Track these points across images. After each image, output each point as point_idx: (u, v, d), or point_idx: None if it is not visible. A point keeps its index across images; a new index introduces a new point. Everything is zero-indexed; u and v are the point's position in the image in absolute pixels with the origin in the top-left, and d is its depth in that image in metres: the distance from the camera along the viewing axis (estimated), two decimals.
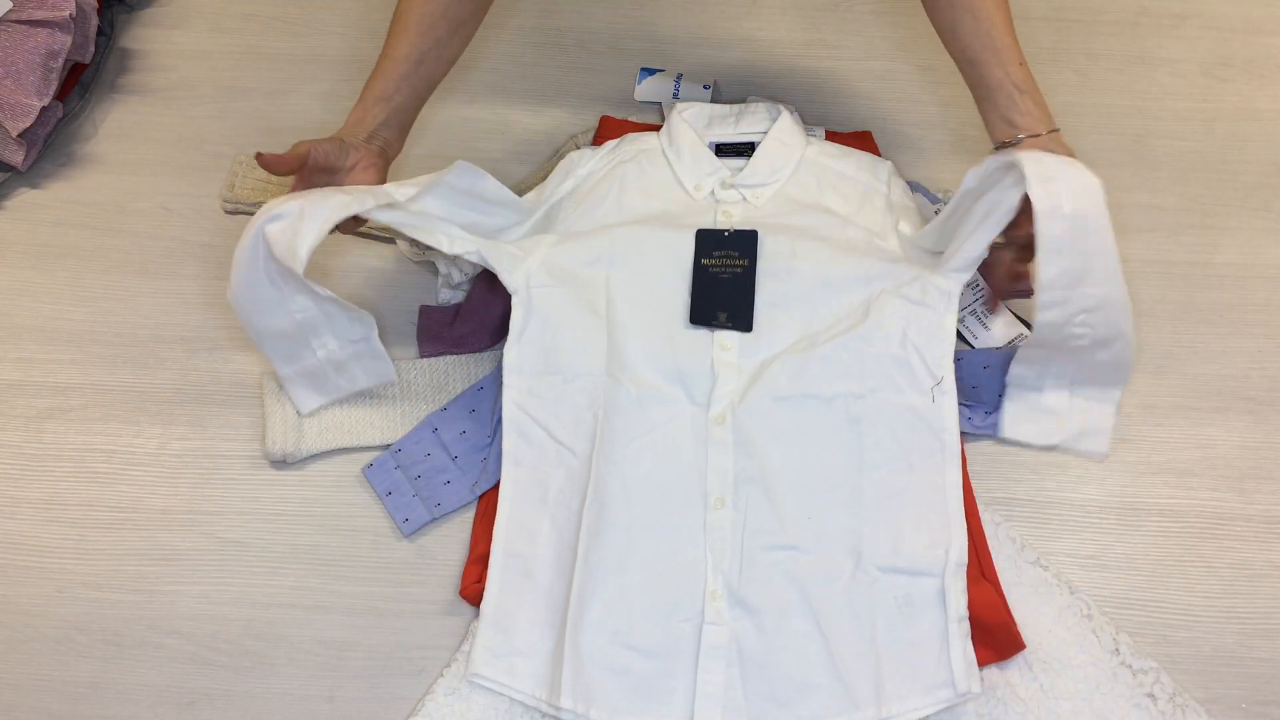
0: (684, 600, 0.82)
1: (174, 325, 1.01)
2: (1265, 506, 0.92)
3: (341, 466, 0.94)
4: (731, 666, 0.81)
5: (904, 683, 0.80)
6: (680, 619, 0.82)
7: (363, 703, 0.84)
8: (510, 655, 0.83)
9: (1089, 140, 1.12)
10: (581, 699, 0.80)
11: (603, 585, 0.82)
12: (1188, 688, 0.84)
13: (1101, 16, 1.21)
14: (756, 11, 1.21)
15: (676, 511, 0.85)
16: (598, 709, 0.79)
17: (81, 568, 0.89)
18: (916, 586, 0.83)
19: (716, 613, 0.82)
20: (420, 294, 1.02)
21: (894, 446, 0.86)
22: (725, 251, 0.92)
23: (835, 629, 0.81)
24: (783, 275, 0.92)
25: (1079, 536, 0.91)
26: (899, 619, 0.82)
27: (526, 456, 0.89)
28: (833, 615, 0.82)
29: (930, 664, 0.80)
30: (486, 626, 0.84)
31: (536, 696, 0.82)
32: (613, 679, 0.80)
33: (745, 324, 0.90)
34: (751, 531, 0.84)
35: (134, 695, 0.85)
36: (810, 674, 0.80)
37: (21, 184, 1.09)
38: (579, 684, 0.80)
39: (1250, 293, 1.03)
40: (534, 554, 0.85)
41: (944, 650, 0.81)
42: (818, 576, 0.83)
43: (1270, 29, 1.20)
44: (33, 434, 0.96)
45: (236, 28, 1.20)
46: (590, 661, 0.80)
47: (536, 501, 0.87)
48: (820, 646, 0.81)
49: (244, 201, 1.07)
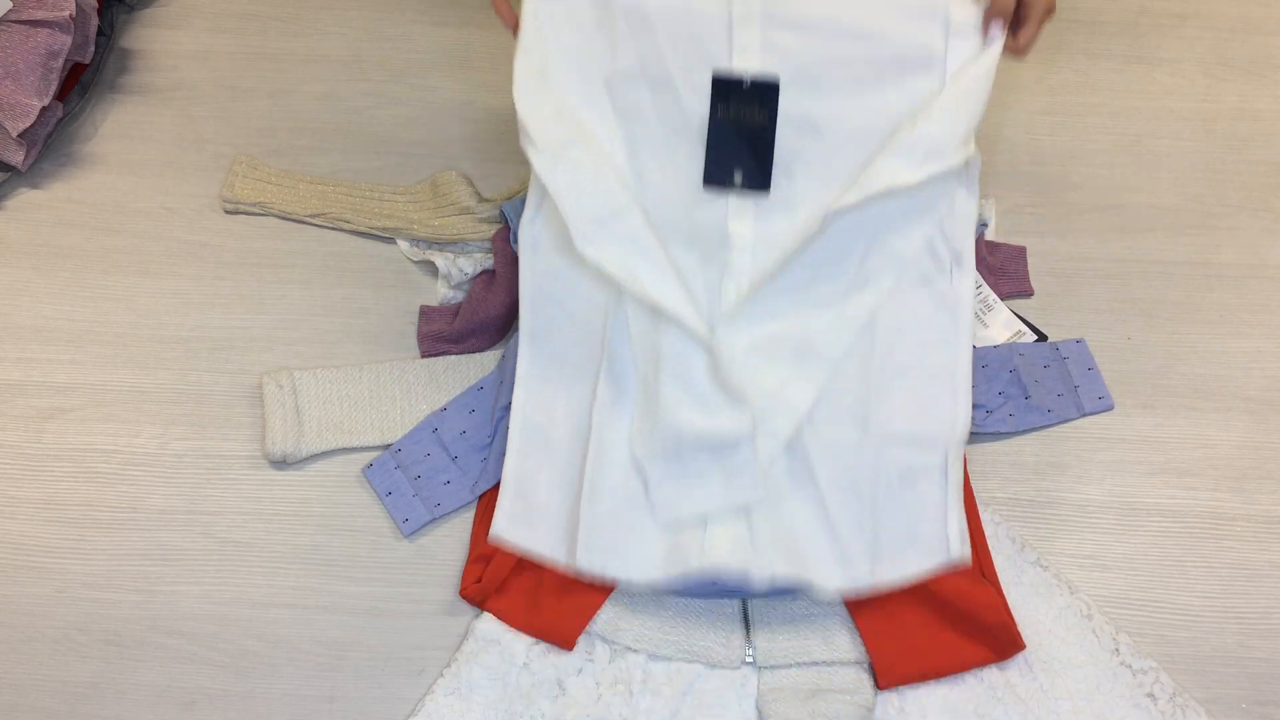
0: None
1: (174, 325, 1.01)
2: (1265, 506, 0.92)
3: (341, 466, 0.94)
4: (739, 524, 0.83)
5: (899, 549, 0.83)
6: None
7: (363, 703, 0.84)
8: (530, 519, 0.86)
9: (1089, 140, 1.12)
10: (598, 557, 0.83)
11: (617, 454, 0.85)
12: (1188, 688, 0.84)
13: (1101, 16, 1.21)
14: None
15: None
16: (613, 567, 0.83)
17: (81, 568, 0.89)
18: (919, 458, 0.84)
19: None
20: (420, 294, 1.02)
21: (908, 322, 0.86)
22: (743, 103, 0.86)
23: (837, 496, 0.83)
24: (806, 131, 0.85)
25: (1079, 536, 0.91)
26: (899, 489, 0.84)
27: (542, 331, 0.90)
28: (835, 482, 0.84)
29: (926, 532, 0.83)
30: (507, 493, 0.87)
31: (554, 558, 0.85)
32: (627, 539, 0.83)
33: (763, 183, 0.85)
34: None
35: (134, 695, 0.85)
36: (811, 535, 0.83)
37: (21, 184, 1.09)
38: (594, 544, 0.83)
39: (1250, 293, 1.03)
40: (552, 426, 0.88)
41: (941, 519, 0.83)
42: (824, 444, 0.84)
43: (1270, 29, 1.20)
44: (33, 434, 0.96)
45: (236, 28, 1.20)
46: (607, 524, 0.84)
47: (554, 376, 0.89)
48: (820, 511, 0.83)
49: (244, 201, 1.07)
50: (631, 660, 0.84)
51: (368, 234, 1.05)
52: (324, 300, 1.02)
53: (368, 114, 1.14)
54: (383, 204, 1.06)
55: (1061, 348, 0.98)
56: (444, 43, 1.19)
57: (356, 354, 0.99)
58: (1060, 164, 1.11)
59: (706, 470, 0.84)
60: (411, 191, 1.06)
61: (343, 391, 0.95)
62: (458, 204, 1.02)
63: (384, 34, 1.20)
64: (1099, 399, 0.96)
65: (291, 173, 1.08)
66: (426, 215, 1.04)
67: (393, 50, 1.18)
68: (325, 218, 1.06)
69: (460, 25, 1.19)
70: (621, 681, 0.84)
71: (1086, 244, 1.05)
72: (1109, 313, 1.02)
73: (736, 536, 0.83)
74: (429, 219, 1.03)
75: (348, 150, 1.11)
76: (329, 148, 1.11)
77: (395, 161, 1.10)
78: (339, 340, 1.00)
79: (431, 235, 1.03)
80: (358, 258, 1.05)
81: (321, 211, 1.06)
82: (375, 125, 1.13)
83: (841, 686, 0.83)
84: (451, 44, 1.18)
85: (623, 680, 0.84)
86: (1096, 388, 0.97)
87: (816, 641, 0.84)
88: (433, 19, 1.21)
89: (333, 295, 1.02)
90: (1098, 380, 0.97)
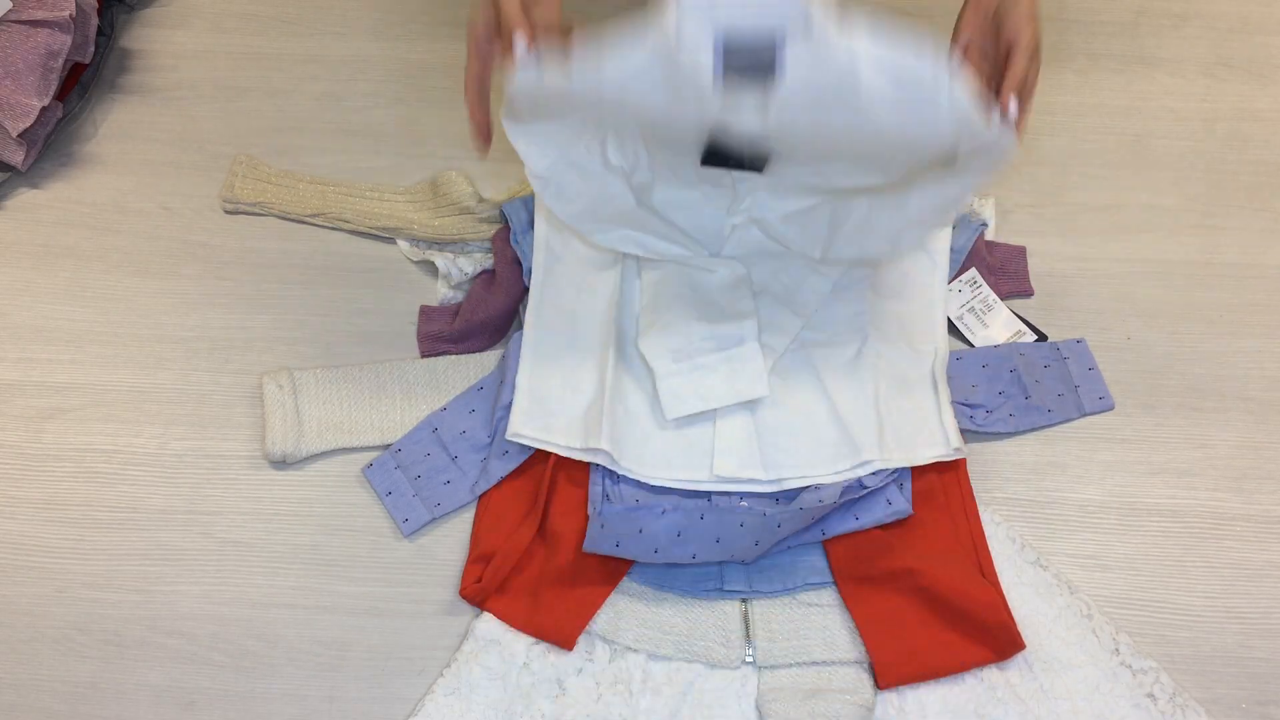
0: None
1: (174, 325, 1.01)
2: (1265, 506, 0.92)
3: (341, 466, 0.94)
4: (746, 418, 0.88)
5: (904, 440, 0.88)
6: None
7: (363, 703, 0.84)
8: (545, 416, 0.90)
9: (1089, 140, 1.12)
10: (615, 446, 0.87)
11: (639, 378, 0.91)
12: (1188, 688, 0.84)
13: (1101, 16, 1.21)
14: None
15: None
16: (628, 459, 0.87)
17: (81, 568, 0.89)
18: (912, 370, 0.91)
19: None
20: (420, 294, 1.02)
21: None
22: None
23: (841, 393, 0.90)
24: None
25: (1079, 536, 0.91)
26: (897, 391, 0.90)
27: (555, 273, 0.96)
28: (839, 382, 0.90)
29: (925, 427, 0.89)
30: (522, 397, 0.90)
31: (571, 447, 0.88)
32: (644, 440, 0.88)
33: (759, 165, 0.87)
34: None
35: (134, 695, 0.85)
36: (818, 429, 0.88)
37: (21, 184, 1.09)
38: (614, 436, 0.87)
39: (1250, 293, 1.03)
40: (564, 343, 0.93)
41: (937, 418, 0.89)
42: (827, 351, 0.92)
43: (1270, 29, 1.20)
44: (33, 434, 0.96)
45: (236, 28, 1.20)
46: (624, 425, 0.88)
47: (565, 314, 0.95)
48: (827, 407, 0.89)
49: (244, 201, 1.07)
50: (631, 660, 0.84)
51: (368, 234, 1.05)
52: (324, 300, 1.02)
53: (368, 114, 1.14)
54: (383, 204, 1.06)
55: (1062, 348, 0.98)
56: (444, 43, 1.19)
57: (356, 354, 0.99)
58: (1060, 164, 1.11)
59: (713, 366, 0.88)
60: (411, 191, 1.06)
61: (343, 391, 0.95)
62: (458, 204, 1.02)
63: (384, 34, 1.20)
64: (1099, 399, 0.96)
65: (291, 173, 1.08)
66: (426, 215, 1.04)
67: (393, 50, 1.18)
68: (325, 218, 1.06)
69: (460, 25, 1.19)
70: (621, 681, 0.84)
71: (1086, 244, 1.05)
72: (1109, 313, 1.01)
73: (745, 430, 0.87)
74: (429, 219, 1.03)
75: (348, 150, 1.11)
76: (329, 148, 1.11)
77: (395, 161, 1.10)
78: (339, 340, 1.00)
79: (431, 235, 1.03)
80: (358, 258, 1.05)
81: (321, 211, 1.06)
82: (375, 125, 1.13)
83: (841, 686, 0.83)
84: (451, 44, 1.18)
85: (623, 680, 0.84)
86: (1097, 388, 0.97)
87: (816, 641, 0.84)
88: (432, 19, 1.21)
89: (333, 295, 1.02)
90: (1098, 380, 0.97)
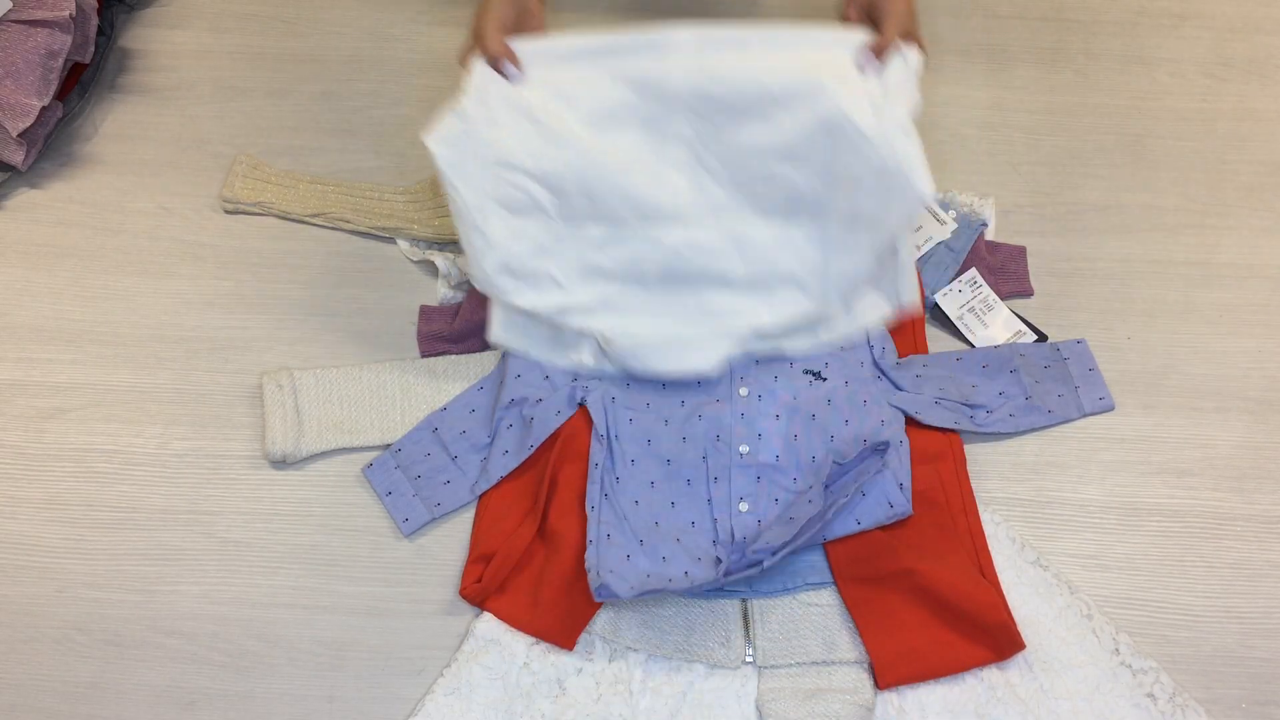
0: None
1: (174, 325, 1.01)
2: (1265, 506, 0.92)
3: (341, 466, 0.94)
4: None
5: (867, 296, 0.95)
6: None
7: (363, 703, 0.84)
8: (523, 329, 0.95)
9: (1089, 140, 1.12)
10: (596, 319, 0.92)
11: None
12: (1188, 688, 0.84)
13: (1101, 16, 1.21)
14: (756, 11, 1.21)
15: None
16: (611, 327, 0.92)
17: (81, 568, 0.89)
18: (876, 238, 0.91)
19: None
20: (420, 294, 1.02)
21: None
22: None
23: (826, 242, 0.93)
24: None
25: (1079, 536, 0.91)
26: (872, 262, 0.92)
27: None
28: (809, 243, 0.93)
29: (885, 288, 0.95)
30: (496, 308, 0.95)
31: (551, 360, 0.95)
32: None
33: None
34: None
35: (134, 695, 0.85)
36: (792, 268, 0.93)
37: (21, 184, 1.09)
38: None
39: (1250, 293, 1.03)
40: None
41: (894, 282, 0.94)
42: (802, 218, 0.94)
43: (1270, 29, 1.20)
44: (33, 434, 0.96)
45: (236, 28, 1.20)
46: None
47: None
48: (797, 253, 0.93)
49: (244, 201, 1.07)
50: (631, 660, 0.84)
51: (368, 234, 1.05)
52: (324, 300, 1.02)
53: (368, 114, 1.14)
54: (383, 204, 1.06)
55: (1062, 348, 0.98)
56: (444, 43, 1.19)
57: (356, 354, 0.99)
58: (1060, 164, 1.11)
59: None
60: (411, 191, 1.06)
61: (343, 391, 0.95)
62: None
63: (384, 34, 1.20)
64: (1099, 399, 0.96)
65: (291, 173, 1.08)
66: (426, 215, 1.04)
67: (393, 50, 1.18)
68: (325, 218, 1.06)
69: (460, 25, 1.19)
70: (621, 681, 0.84)
71: (1086, 244, 1.05)
72: (1109, 313, 1.02)
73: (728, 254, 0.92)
74: (429, 219, 1.03)
75: (348, 150, 1.11)
76: (329, 148, 1.11)
77: (395, 161, 1.10)
78: (339, 340, 1.00)
79: (431, 235, 1.03)
80: (358, 258, 1.05)
81: (321, 211, 1.06)
82: (375, 125, 1.13)
83: (841, 686, 0.83)
84: (451, 44, 1.18)
85: (623, 680, 0.84)
86: (1097, 388, 0.97)
87: (816, 641, 0.84)
88: (433, 19, 1.21)
89: (333, 295, 1.02)
90: (1098, 380, 0.97)
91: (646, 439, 0.91)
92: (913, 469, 0.90)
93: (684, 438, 0.91)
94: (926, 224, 1.01)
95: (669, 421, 0.92)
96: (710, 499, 0.89)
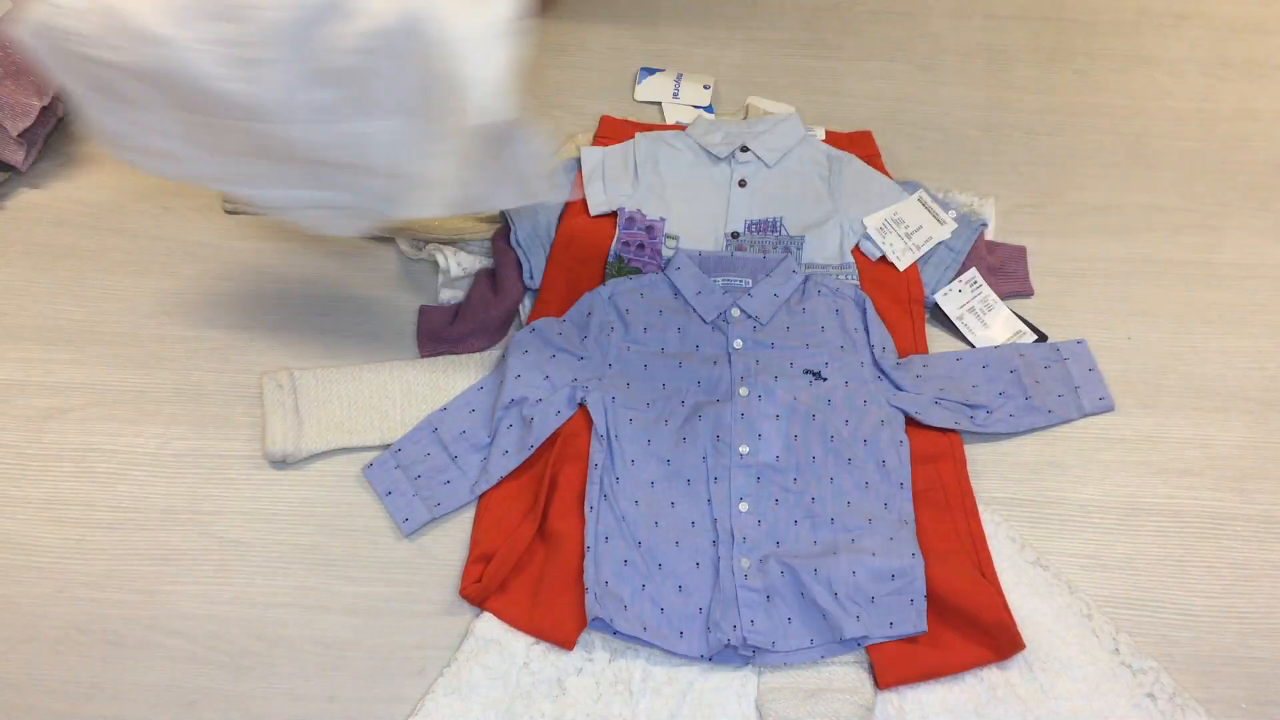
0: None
1: (174, 325, 1.01)
2: (1265, 506, 0.92)
3: (341, 466, 0.94)
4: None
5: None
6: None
7: (363, 703, 0.84)
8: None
9: (1089, 140, 1.12)
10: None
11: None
12: (1188, 688, 0.84)
13: (1101, 16, 1.21)
14: (756, 11, 1.21)
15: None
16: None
17: (81, 568, 0.89)
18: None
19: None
20: (420, 294, 1.02)
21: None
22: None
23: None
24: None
25: (1079, 536, 0.91)
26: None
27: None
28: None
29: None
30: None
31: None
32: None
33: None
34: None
35: (134, 695, 0.85)
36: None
37: (21, 184, 1.09)
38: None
39: (1250, 293, 1.03)
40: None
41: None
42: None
43: (1270, 29, 1.20)
44: (33, 434, 0.96)
45: None
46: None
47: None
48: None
49: (244, 201, 1.06)
50: (631, 660, 0.84)
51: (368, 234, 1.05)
52: (324, 300, 1.02)
53: None
54: None
55: (1062, 348, 0.98)
56: None
57: (356, 354, 0.99)
58: (1060, 164, 1.11)
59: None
60: None
61: (343, 391, 0.95)
62: None
63: None
64: (1099, 399, 0.96)
65: None
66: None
67: None
68: None
69: None
70: (621, 681, 0.84)
71: (1086, 244, 1.05)
72: (1109, 313, 1.02)
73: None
74: (429, 219, 1.03)
75: None
76: None
77: None
78: (339, 340, 1.00)
79: (431, 235, 1.03)
80: (358, 258, 1.05)
81: None
82: None
83: (841, 686, 0.83)
84: None
85: (623, 680, 0.84)
86: (1097, 388, 0.97)
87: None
88: None
89: (333, 295, 1.02)
90: (1098, 380, 0.97)
91: (646, 439, 0.91)
92: (913, 469, 0.90)
93: (684, 438, 0.91)
94: (926, 224, 1.02)
95: (669, 421, 0.92)
96: (710, 499, 0.89)
